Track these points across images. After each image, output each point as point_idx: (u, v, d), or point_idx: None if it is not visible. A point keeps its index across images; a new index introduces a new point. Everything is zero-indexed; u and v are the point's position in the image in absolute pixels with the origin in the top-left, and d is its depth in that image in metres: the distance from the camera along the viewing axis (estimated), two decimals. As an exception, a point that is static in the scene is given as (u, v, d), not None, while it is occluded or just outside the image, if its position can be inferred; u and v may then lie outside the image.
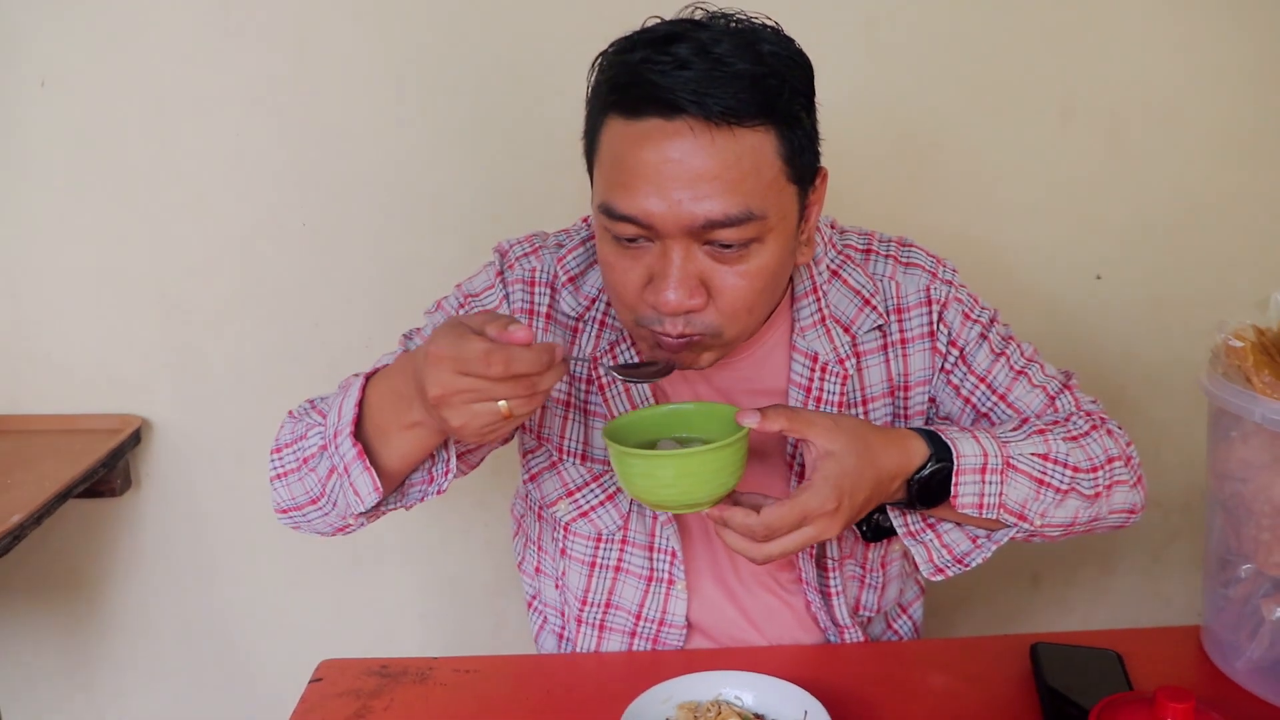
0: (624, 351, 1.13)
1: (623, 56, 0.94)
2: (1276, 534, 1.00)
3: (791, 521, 0.92)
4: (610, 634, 1.21)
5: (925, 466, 1.00)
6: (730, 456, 0.92)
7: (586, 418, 1.15)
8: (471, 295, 1.16)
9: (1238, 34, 1.67)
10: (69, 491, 1.53)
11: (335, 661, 1.13)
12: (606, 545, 1.18)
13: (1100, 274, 1.77)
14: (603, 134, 0.96)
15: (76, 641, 1.88)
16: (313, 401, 1.09)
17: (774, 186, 0.94)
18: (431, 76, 1.64)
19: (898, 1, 1.63)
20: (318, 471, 1.00)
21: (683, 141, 0.90)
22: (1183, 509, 1.88)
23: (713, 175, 0.90)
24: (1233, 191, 1.74)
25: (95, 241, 1.69)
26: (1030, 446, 1.03)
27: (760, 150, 0.92)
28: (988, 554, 1.05)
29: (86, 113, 1.63)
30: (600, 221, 0.97)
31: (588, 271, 1.15)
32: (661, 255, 0.95)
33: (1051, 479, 1.03)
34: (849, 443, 0.94)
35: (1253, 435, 1.02)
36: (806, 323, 1.12)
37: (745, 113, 0.90)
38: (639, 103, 0.91)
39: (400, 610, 1.89)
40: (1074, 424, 1.10)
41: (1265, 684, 1.04)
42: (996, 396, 1.15)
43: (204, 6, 1.60)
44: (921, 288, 1.15)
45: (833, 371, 1.12)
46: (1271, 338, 1.04)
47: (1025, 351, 1.18)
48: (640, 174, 0.91)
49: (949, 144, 1.70)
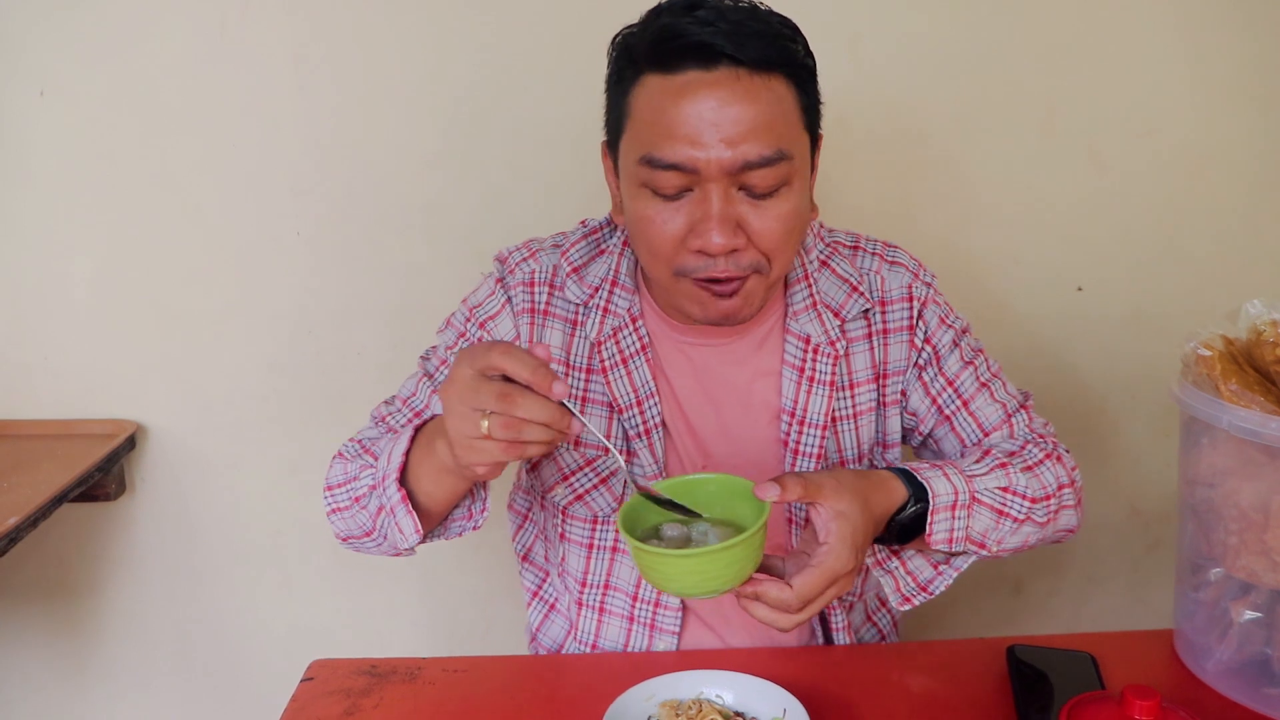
0: (627, 337, 1.17)
1: (653, 20, 1.02)
2: (1244, 538, 1.03)
3: (821, 588, 0.94)
4: (610, 618, 1.24)
5: (905, 507, 1.04)
6: (756, 543, 0.91)
7: (581, 405, 1.19)
8: (476, 307, 1.22)
9: (1220, 49, 1.70)
10: (64, 495, 1.54)
11: (326, 661, 1.15)
12: (603, 527, 1.22)
13: (1081, 285, 1.79)
14: (636, 94, 1.03)
15: (71, 643, 1.89)
16: (362, 443, 1.17)
17: (797, 131, 1.03)
18: (426, 87, 1.66)
19: (883, 17, 1.66)
20: (368, 509, 1.09)
21: (722, 89, 0.98)
22: (1162, 518, 1.91)
23: (750, 118, 0.98)
24: (1211, 204, 1.77)
25: (93, 248, 1.71)
26: (993, 480, 1.09)
27: (787, 99, 1.01)
28: (949, 581, 1.12)
29: (84, 122, 1.66)
30: (640, 176, 1.03)
31: (590, 263, 1.21)
32: (702, 200, 1.01)
33: (1010, 509, 1.09)
34: (852, 498, 0.97)
35: (1221, 442, 1.04)
36: (799, 307, 1.19)
37: (775, 62, 0.99)
38: (678, 56, 0.99)
39: (391, 613, 1.91)
40: (1029, 453, 1.16)
41: (1234, 685, 1.07)
42: (961, 402, 1.21)
43: (201, 17, 1.62)
44: (904, 285, 1.22)
45: (824, 352, 1.18)
46: (1240, 347, 1.07)
47: (991, 366, 1.25)
48: (683, 121, 0.98)
49: (932, 156, 1.72)
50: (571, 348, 1.18)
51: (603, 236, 1.23)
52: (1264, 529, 1.01)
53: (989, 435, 1.21)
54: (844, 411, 1.20)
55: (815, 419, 1.17)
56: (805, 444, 1.18)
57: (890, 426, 1.23)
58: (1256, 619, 1.04)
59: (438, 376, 1.21)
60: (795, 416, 1.18)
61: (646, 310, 1.19)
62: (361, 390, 1.78)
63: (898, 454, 1.24)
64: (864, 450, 1.22)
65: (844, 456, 1.20)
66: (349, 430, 1.76)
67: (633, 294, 1.19)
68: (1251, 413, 0.99)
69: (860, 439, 1.21)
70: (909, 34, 1.67)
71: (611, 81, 1.08)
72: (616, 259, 1.20)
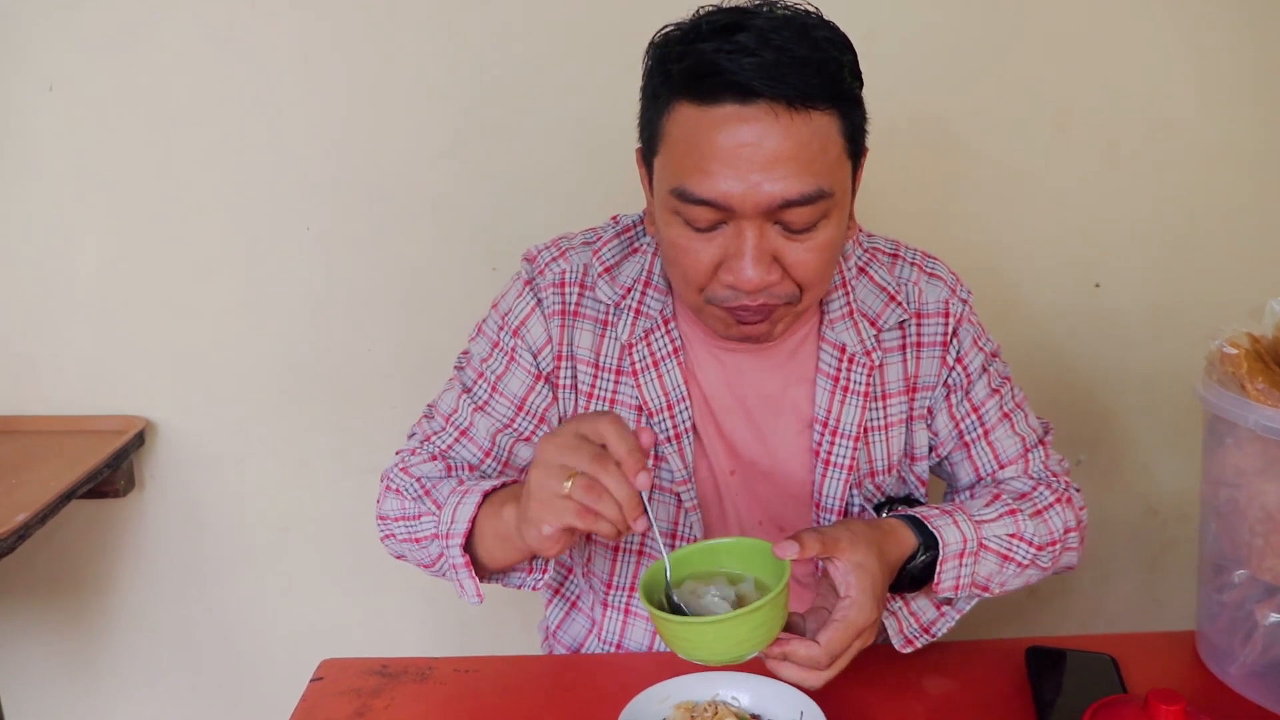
0: (659, 339, 1.15)
1: (690, 46, 0.97)
2: (1269, 540, 1.01)
3: (848, 641, 0.93)
4: (635, 619, 1.23)
5: (916, 555, 1.03)
6: (781, 604, 0.89)
7: (609, 408, 1.17)
8: (508, 313, 1.19)
9: (1236, 43, 1.68)
10: (73, 492, 1.54)
11: (336, 661, 1.14)
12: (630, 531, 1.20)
13: (1099, 282, 1.78)
14: (670, 121, 0.99)
15: (80, 640, 1.89)
16: (422, 483, 1.13)
17: (838, 164, 0.99)
18: (434, 81, 1.65)
19: (897, 13, 1.64)
20: (429, 551, 1.11)
21: (759, 125, 0.94)
22: (1180, 518, 1.89)
23: (788, 156, 0.94)
24: (1230, 200, 1.75)
25: (101, 244, 1.70)
26: (1002, 528, 1.08)
27: (828, 131, 0.97)
28: (952, 623, 1.11)
29: (93, 117, 1.65)
30: (671, 205, 1.00)
31: (623, 262, 1.18)
32: (736, 235, 0.99)
33: (1015, 554, 1.09)
34: (867, 549, 0.95)
35: (1246, 442, 1.03)
36: (835, 315, 1.16)
37: (816, 96, 0.94)
38: (715, 89, 0.94)
39: (402, 612, 1.90)
40: (1040, 496, 1.15)
41: (1259, 689, 1.05)
42: (982, 430, 1.20)
43: (209, 12, 1.61)
44: (941, 299, 1.19)
45: (859, 362, 1.15)
46: (1266, 345, 1.05)
47: (1016, 396, 1.23)
48: (717, 157, 0.95)
49: (949, 153, 1.71)
50: (601, 349, 1.16)
51: (635, 235, 1.20)
52: (1290, 530, 0.99)
53: (1004, 468, 1.20)
54: (876, 422, 1.17)
55: (848, 429, 1.15)
56: (837, 454, 1.15)
57: (918, 440, 1.20)
58: (1282, 622, 1.02)
59: (475, 390, 1.18)
60: (827, 426, 1.15)
61: (679, 312, 1.17)
62: (371, 387, 1.77)
63: (925, 468, 1.22)
64: (893, 462, 1.19)
65: (874, 468, 1.18)
66: (359, 427, 1.77)
67: (665, 295, 1.16)
68: (1278, 412, 0.97)
69: (890, 450, 1.19)
70: (924, 30, 1.65)
71: (646, 94, 1.04)
72: (650, 259, 1.17)
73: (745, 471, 1.18)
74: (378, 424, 1.79)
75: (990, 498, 1.12)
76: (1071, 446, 1.85)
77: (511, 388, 1.17)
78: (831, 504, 1.16)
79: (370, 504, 1.18)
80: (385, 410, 1.78)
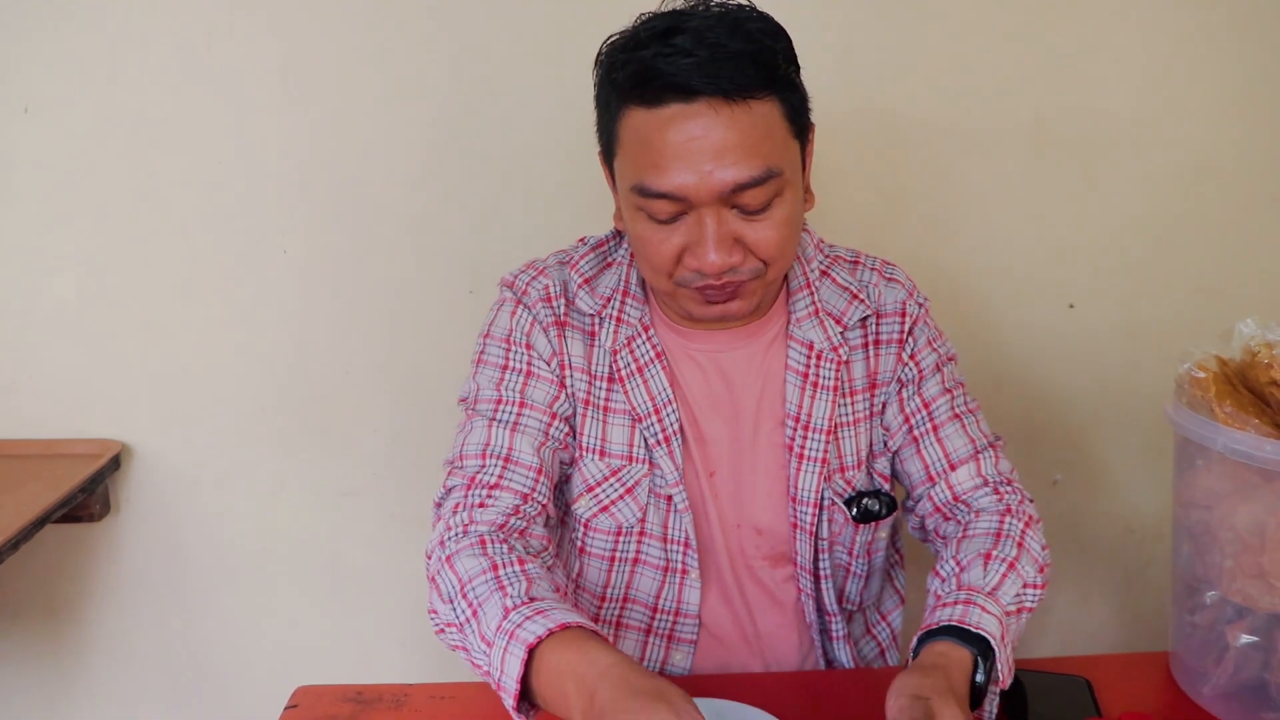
0: (640, 345, 1.19)
1: (632, 53, 1.02)
2: (1240, 561, 1.02)
3: None
4: (627, 631, 1.24)
5: (976, 665, 0.98)
6: None
7: (604, 414, 1.19)
8: (509, 333, 1.19)
9: (1211, 65, 1.69)
10: (48, 516, 1.52)
11: (310, 688, 1.13)
12: (625, 539, 1.22)
13: (1073, 303, 1.79)
14: (623, 125, 1.05)
15: (55, 667, 1.87)
16: (464, 586, 1.02)
17: (784, 145, 1.04)
18: (414, 102, 1.65)
19: (870, 30, 1.65)
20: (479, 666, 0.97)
21: (704, 120, 0.99)
22: (1157, 537, 1.90)
23: (734, 145, 1.00)
24: (1203, 220, 1.76)
25: (77, 266, 1.69)
26: (1011, 587, 1.06)
27: (770, 116, 1.02)
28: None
29: (69, 138, 1.64)
30: (634, 202, 1.06)
31: (600, 275, 1.23)
32: (696, 223, 1.04)
33: (1027, 602, 1.08)
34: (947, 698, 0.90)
35: (1216, 464, 1.04)
36: (801, 314, 1.21)
37: (753, 86, 1.00)
38: (658, 92, 1.00)
39: (380, 637, 1.89)
40: (1010, 527, 1.13)
41: (1231, 710, 1.06)
42: (931, 425, 1.22)
43: (187, 34, 1.61)
44: (899, 300, 1.24)
45: (827, 358, 1.20)
46: (1234, 368, 1.06)
47: (969, 402, 1.25)
48: (669, 153, 1.00)
49: (921, 172, 1.72)
50: (592, 357, 1.20)
51: (609, 249, 1.25)
52: (1260, 552, 1.00)
53: (955, 469, 1.20)
54: (845, 418, 1.21)
55: (819, 424, 1.18)
56: (810, 449, 1.19)
57: (877, 436, 1.24)
58: (1253, 643, 1.03)
59: (502, 414, 1.15)
60: (799, 421, 1.19)
61: (656, 320, 1.21)
62: (349, 409, 1.77)
63: (886, 463, 1.24)
64: (861, 457, 1.22)
65: (844, 463, 1.21)
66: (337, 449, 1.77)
67: (643, 304, 1.21)
68: (1247, 435, 0.98)
69: (859, 446, 1.22)
70: (897, 47, 1.66)
71: (600, 103, 1.10)
72: (626, 270, 1.22)
73: (724, 472, 1.21)
74: (356, 446, 1.78)
75: (981, 561, 1.09)
76: (1048, 467, 1.86)
77: (538, 397, 1.17)
78: (806, 497, 1.19)
79: (348, 527, 1.18)
80: (364, 432, 1.78)
